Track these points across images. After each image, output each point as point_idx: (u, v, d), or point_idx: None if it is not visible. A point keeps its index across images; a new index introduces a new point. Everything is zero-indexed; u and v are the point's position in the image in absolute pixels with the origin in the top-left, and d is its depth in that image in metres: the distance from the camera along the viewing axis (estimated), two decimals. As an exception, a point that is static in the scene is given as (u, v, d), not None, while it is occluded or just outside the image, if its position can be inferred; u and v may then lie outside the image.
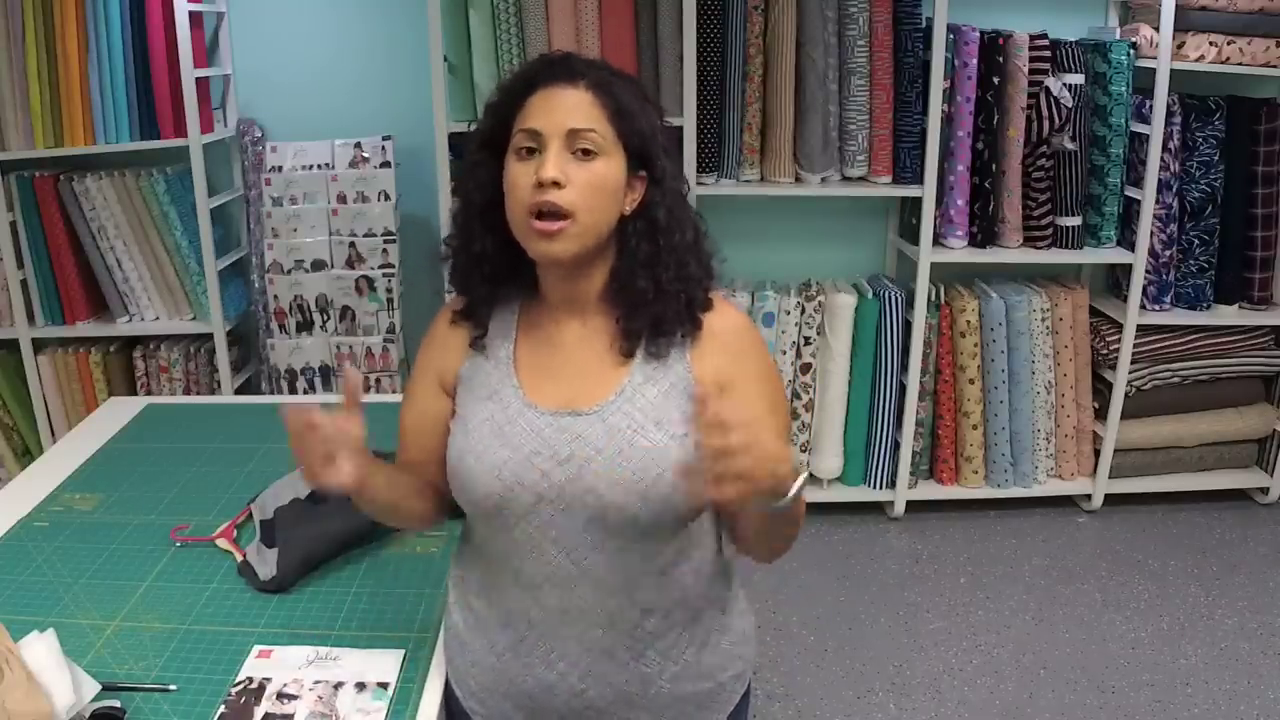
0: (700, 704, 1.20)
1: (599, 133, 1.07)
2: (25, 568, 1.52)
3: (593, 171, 1.06)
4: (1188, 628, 2.71)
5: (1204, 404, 3.26)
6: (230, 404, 2.74)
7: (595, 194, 1.07)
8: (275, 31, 3.11)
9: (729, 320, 1.16)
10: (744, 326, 1.18)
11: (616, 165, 1.08)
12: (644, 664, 1.15)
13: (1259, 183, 3.02)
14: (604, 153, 1.07)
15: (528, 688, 1.16)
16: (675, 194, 1.13)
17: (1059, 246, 3.08)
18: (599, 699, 1.15)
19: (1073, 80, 2.92)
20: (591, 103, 1.07)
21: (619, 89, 1.09)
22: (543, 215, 1.06)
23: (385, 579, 1.50)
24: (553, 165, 1.04)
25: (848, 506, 3.27)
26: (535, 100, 1.08)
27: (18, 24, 2.78)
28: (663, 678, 1.16)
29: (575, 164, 1.06)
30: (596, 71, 1.10)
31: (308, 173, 2.98)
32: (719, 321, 1.15)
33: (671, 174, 1.13)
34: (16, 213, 2.96)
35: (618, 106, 1.08)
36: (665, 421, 1.09)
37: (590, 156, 1.06)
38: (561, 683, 1.15)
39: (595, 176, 1.06)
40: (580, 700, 1.15)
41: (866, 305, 3.08)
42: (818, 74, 2.88)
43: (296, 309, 3.01)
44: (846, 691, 2.47)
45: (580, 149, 1.06)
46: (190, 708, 1.21)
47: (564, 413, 1.11)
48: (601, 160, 1.07)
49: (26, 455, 3.18)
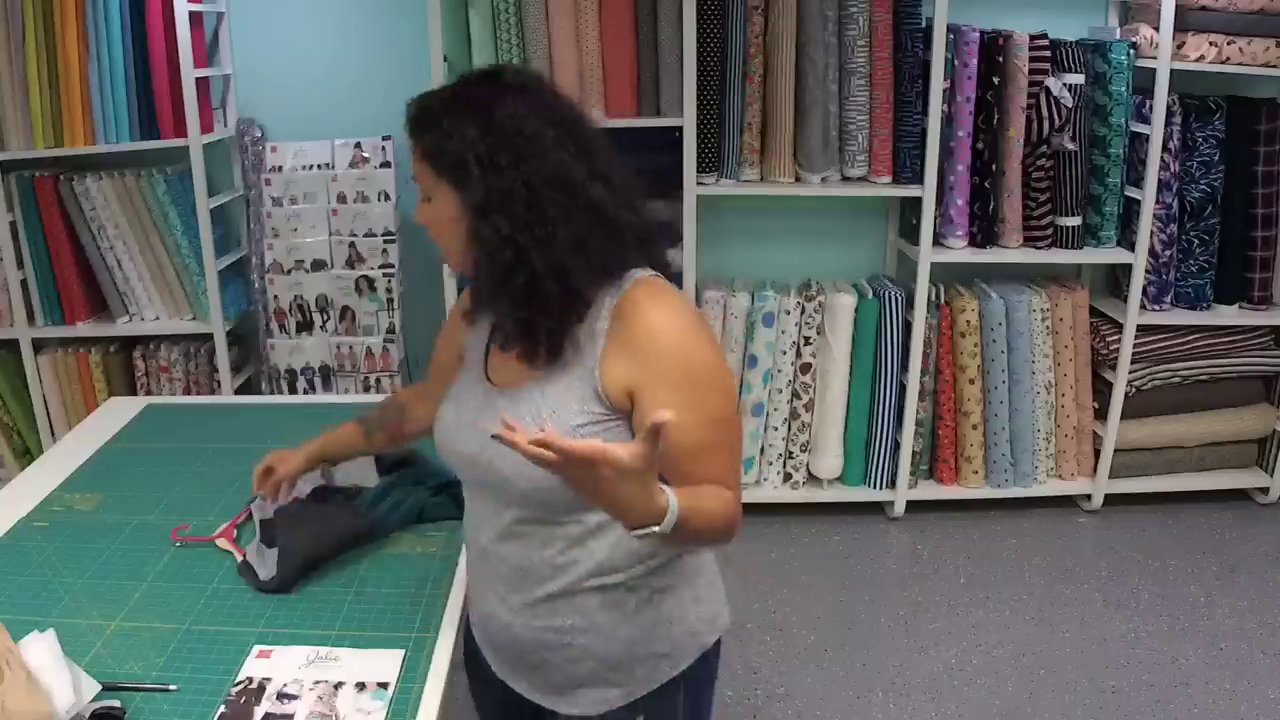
0: (612, 667, 1.26)
1: (424, 178, 1.18)
2: (25, 568, 1.52)
3: (429, 212, 1.19)
4: (1187, 627, 2.71)
5: (1204, 404, 3.26)
6: (230, 404, 2.74)
7: (437, 229, 1.19)
8: (275, 31, 3.11)
9: (647, 321, 1.14)
10: (659, 330, 1.14)
11: (444, 199, 1.17)
12: (556, 618, 1.24)
13: (1259, 183, 3.02)
14: (433, 192, 1.18)
15: (481, 617, 1.33)
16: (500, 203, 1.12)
17: (1059, 246, 3.08)
18: (523, 637, 1.27)
19: (1073, 80, 2.92)
20: (417, 151, 1.18)
21: (427, 128, 1.16)
22: None
23: (385, 579, 1.50)
24: (417, 214, 1.22)
25: (848, 506, 3.27)
26: None
27: (18, 24, 2.78)
28: (575, 633, 1.24)
29: (425, 206, 1.20)
30: (419, 116, 1.17)
31: (308, 173, 2.98)
32: (636, 320, 1.14)
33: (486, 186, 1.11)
34: (16, 213, 2.96)
35: (425, 149, 1.16)
36: (562, 413, 1.15)
37: (428, 200, 1.19)
38: (496, 618, 1.29)
39: (434, 215, 1.19)
40: (508, 634, 1.28)
41: (866, 305, 3.08)
42: (818, 74, 2.88)
43: (296, 309, 3.01)
44: (846, 691, 2.47)
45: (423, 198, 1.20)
46: (190, 708, 1.21)
47: (502, 390, 1.23)
48: (435, 199, 1.18)
49: (26, 455, 3.18)
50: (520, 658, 1.29)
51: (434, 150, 1.15)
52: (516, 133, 1.12)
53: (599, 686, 1.26)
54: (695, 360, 1.14)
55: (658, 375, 1.12)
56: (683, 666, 1.29)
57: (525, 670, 1.30)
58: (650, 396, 1.12)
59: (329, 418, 1.61)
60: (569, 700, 1.28)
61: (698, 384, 1.13)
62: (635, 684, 1.27)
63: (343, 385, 3.06)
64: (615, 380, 1.14)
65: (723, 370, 1.18)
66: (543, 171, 1.12)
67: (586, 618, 1.23)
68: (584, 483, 0.96)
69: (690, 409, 1.10)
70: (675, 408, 1.01)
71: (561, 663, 1.26)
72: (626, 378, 1.13)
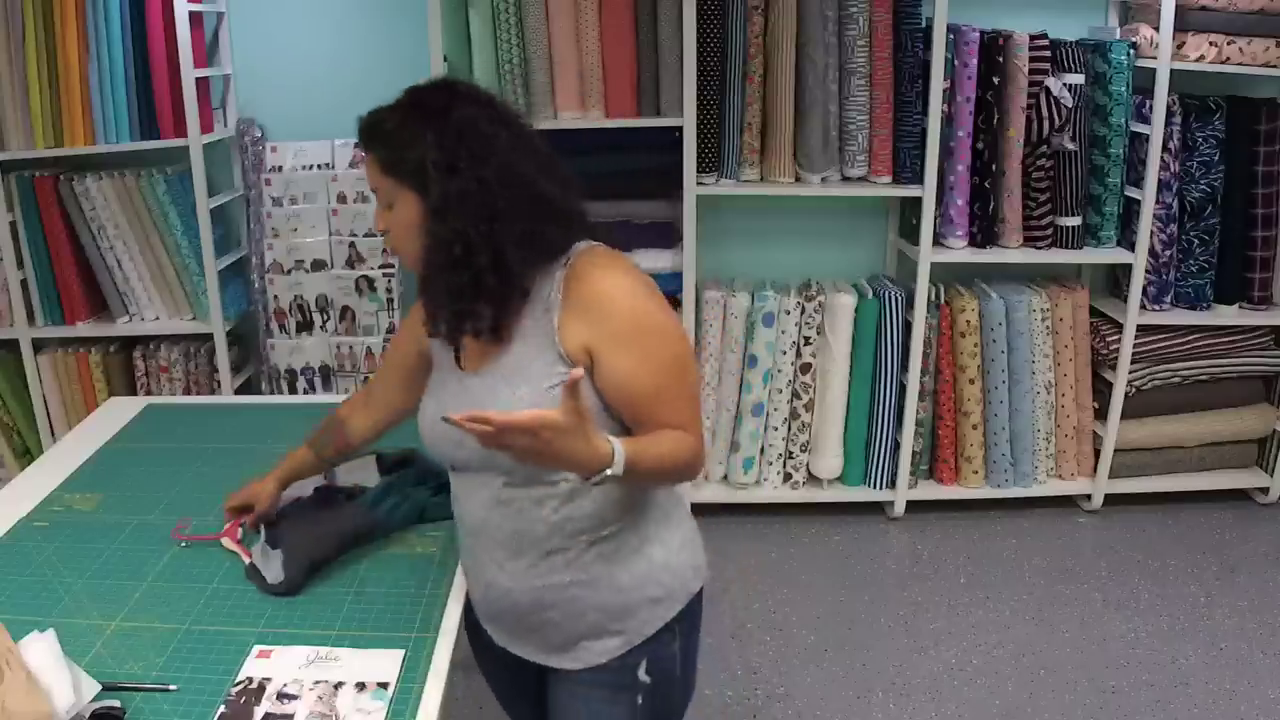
0: (612, 616, 1.34)
1: (384, 188, 1.26)
2: (25, 568, 1.52)
3: (392, 219, 1.27)
4: (1187, 628, 2.71)
5: (1204, 404, 3.26)
6: (230, 404, 2.74)
7: (399, 232, 1.27)
8: (275, 31, 3.11)
9: (594, 284, 1.24)
10: (605, 289, 1.24)
11: (403, 205, 1.25)
12: (554, 575, 1.31)
13: (1259, 183, 3.02)
14: (395, 201, 1.26)
15: (481, 588, 1.39)
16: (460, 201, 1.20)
17: (1059, 246, 3.08)
18: (523, 601, 1.34)
19: (1073, 80, 2.92)
20: (374, 163, 1.26)
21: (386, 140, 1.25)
22: None
23: (385, 579, 1.50)
24: (376, 220, 1.30)
25: (848, 506, 3.27)
26: None
27: (18, 24, 2.78)
28: (575, 587, 1.32)
29: (386, 213, 1.28)
30: (375, 129, 1.27)
31: (308, 173, 2.98)
32: (585, 286, 1.24)
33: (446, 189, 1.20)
34: (16, 213, 2.96)
35: (388, 158, 1.25)
36: (532, 379, 1.24)
37: (389, 207, 1.27)
38: (496, 586, 1.35)
39: (396, 220, 1.27)
40: (508, 600, 1.35)
41: (866, 305, 3.08)
42: (818, 74, 2.88)
43: (296, 309, 3.01)
44: (846, 691, 2.47)
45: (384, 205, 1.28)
46: (190, 708, 1.21)
47: (474, 373, 1.31)
48: (397, 207, 1.26)
49: (26, 455, 3.18)
50: (521, 621, 1.36)
51: (393, 159, 1.24)
52: (472, 135, 1.22)
53: (600, 638, 1.34)
54: (642, 313, 1.24)
55: (610, 333, 1.23)
56: (675, 611, 1.37)
57: (526, 633, 1.38)
58: (606, 352, 1.23)
59: (329, 418, 1.64)
60: (572, 656, 1.36)
61: (648, 335, 1.24)
62: (633, 631, 1.35)
63: (343, 385, 3.06)
64: (574, 341, 1.23)
65: (671, 322, 1.28)
66: (497, 170, 1.21)
67: (584, 571, 1.31)
68: (530, 450, 1.08)
69: (643, 360, 1.23)
70: (629, 360, 1.22)
71: (562, 619, 1.33)
72: (583, 337, 1.23)
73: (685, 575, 1.39)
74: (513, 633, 1.40)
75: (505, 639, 1.42)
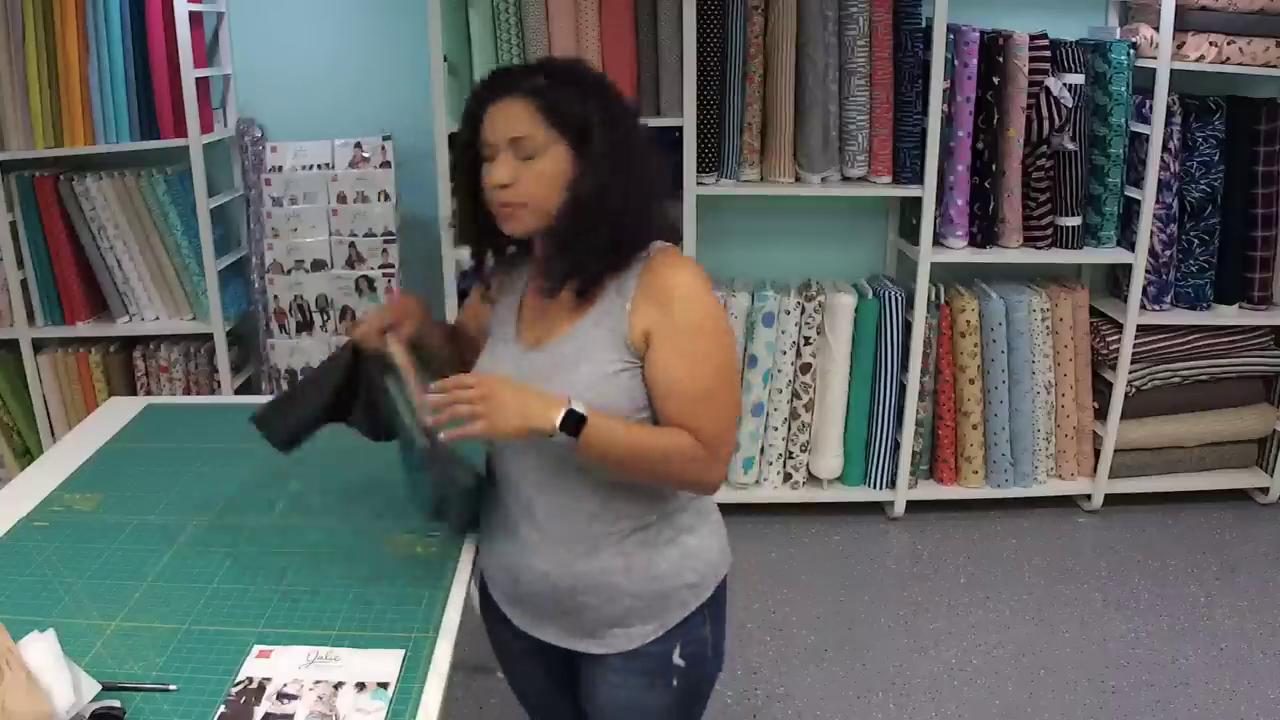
0: (650, 602, 1.37)
1: (534, 136, 1.26)
2: (25, 568, 1.52)
3: (536, 168, 1.27)
4: (1187, 627, 2.71)
5: (1204, 404, 3.26)
6: (230, 404, 2.73)
7: (538, 184, 1.27)
8: (275, 31, 3.11)
9: (669, 277, 1.30)
10: (679, 283, 1.30)
11: (555, 156, 1.27)
12: (596, 560, 1.35)
13: (1259, 183, 3.02)
14: (541, 151, 1.27)
15: (508, 575, 1.43)
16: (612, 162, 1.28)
17: (1059, 246, 3.08)
18: (561, 584, 1.37)
19: (1073, 80, 2.92)
20: (528, 110, 1.26)
21: (552, 88, 1.27)
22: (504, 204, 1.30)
23: (385, 579, 1.49)
24: (499, 171, 1.28)
25: (848, 506, 3.27)
26: (488, 115, 1.29)
27: (18, 24, 2.78)
28: (614, 573, 1.35)
29: (520, 165, 1.27)
30: (532, 78, 1.29)
31: (308, 173, 2.98)
32: (660, 277, 1.30)
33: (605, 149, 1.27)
34: (16, 213, 2.96)
35: (548, 106, 1.26)
36: (595, 359, 1.29)
37: (530, 158, 1.27)
38: (531, 569, 1.38)
39: (538, 171, 1.27)
40: (545, 583, 1.38)
41: (866, 305, 3.08)
42: (818, 74, 2.88)
43: (296, 309, 3.01)
44: (846, 691, 2.47)
45: (524, 155, 1.27)
46: (190, 708, 1.21)
47: (532, 349, 1.36)
48: (542, 157, 1.27)
49: (26, 455, 3.18)
50: (557, 604, 1.39)
51: (555, 110, 1.26)
52: (624, 107, 1.32)
53: (634, 623, 1.38)
54: (705, 316, 1.30)
55: (672, 324, 1.27)
56: (706, 595, 1.42)
57: (558, 616, 1.41)
58: (662, 341, 1.28)
59: (329, 418, 1.63)
60: (602, 641, 1.39)
61: (706, 337, 1.29)
62: (668, 616, 1.39)
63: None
64: (639, 327, 1.28)
65: (728, 335, 1.33)
66: (639, 140, 1.32)
67: (625, 557, 1.35)
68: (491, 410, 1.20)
69: (694, 359, 1.27)
70: (681, 354, 1.27)
71: (599, 604, 1.37)
72: (646, 322, 1.28)
73: (715, 560, 1.44)
74: (541, 617, 1.43)
75: (530, 623, 1.45)
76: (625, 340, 1.29)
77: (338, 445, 1.61)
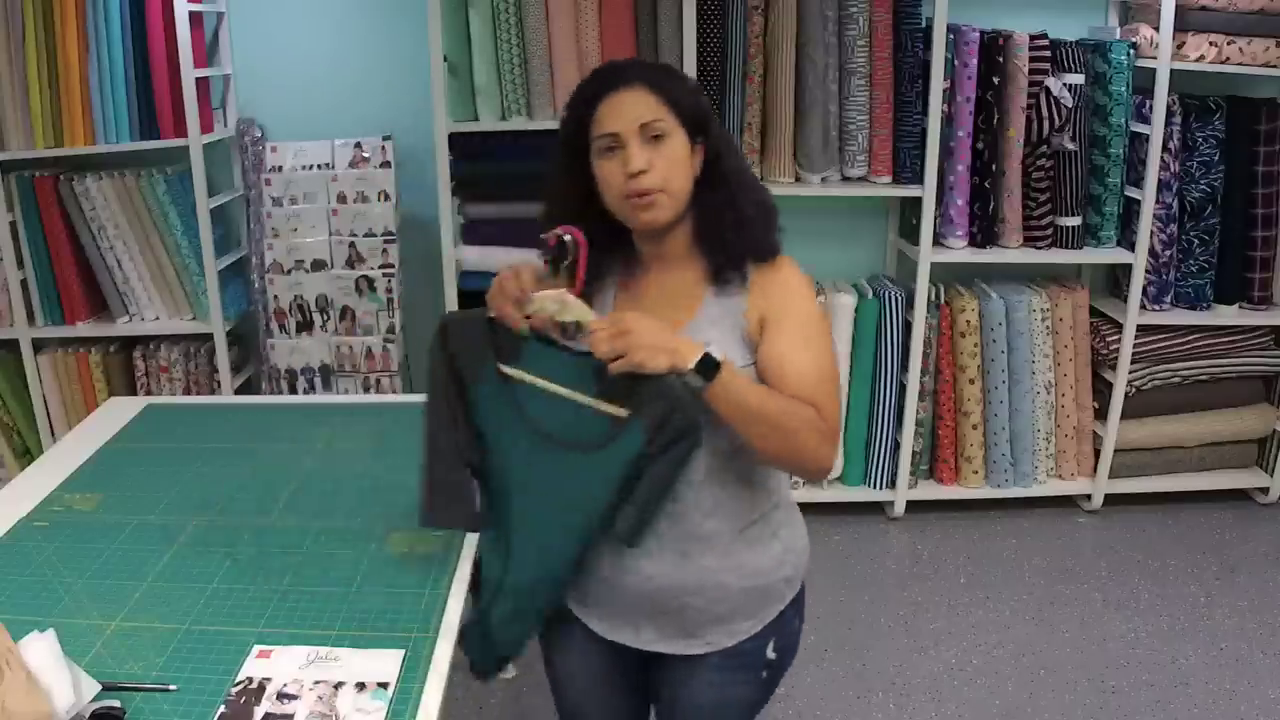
0: (750, 597, 1.41)
1: (662, 119, 1.29)
2: (25, 568, 1.52)
3: (667, 151, 1.30)
4: (1188, 628, 2.71)
5: (1204, 404, 3.26)
6: (230, 404, 2.74)
7: (673, 167, 1.30)
8: (275, 31, 3.11)
9: (781, 274, 1.36)
10: (792, 277, 1.37)
11: (680, 140, 1.31)
12: (706, 558, 1.37)
13: (1259, 183, 3.02)
14: (670, 134, 1.30)
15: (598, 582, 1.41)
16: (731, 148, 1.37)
17: (1059, 246, 3.08)
18: (666, 586, 1.37)
19: (1073, 80, 2.92)
20: (650, 97, 1.30)
21: (665, 78, 1.33)
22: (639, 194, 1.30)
23: (385, 579, 1.49)
24: (637, 158, 1.28)
25: (848, 506, 3.27)
26: (604, 108, 1.31)
27: (18, 24, 2.78)
28: (724, 572, 1.37)
29: (652, 150, 1.29)
30: (643, 70, 1.34)
31: (308, 173, 2.98)
32: (774, 273, 1.36)
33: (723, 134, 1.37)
34: (16, 213, 2.96)
35: (670, 93, 1.31)
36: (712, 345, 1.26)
37: (660, 140, 1.30)
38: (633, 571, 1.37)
39: (670, 154, 1.30)
40: (648, 586, 1.37)
41: (866, 305, 3.08)
42: (818, 74, 2.88)
43: (296, 309, 3.01)
44: (846, 691, 2.47)
45: (652, 136, 1.29)
46: (190, 708, 1.21)
47: None
48: (669, 140, 1.30)
49: (26, 455, 3.18)
50: (656, 606, 1.39)
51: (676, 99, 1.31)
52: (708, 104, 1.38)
53: (736, 621, 1.41)
54: (816, 314, 1.37)
55: (787, 313, 1.33)
56: (796, 589, 1.47)
57: (655, 617, 1.40)
58: (779, 325, 1.32)
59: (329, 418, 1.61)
60: (699, 641, 1.41)
61: (820, 329, 1.36)
62: (766, 611, 1.42)
63: (343, 385, 3.06)
64: (754, 317, 1.33)
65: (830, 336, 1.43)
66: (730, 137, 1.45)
67: (735, 555, 1.38)
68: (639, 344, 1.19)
69: (807, 346, 1.32)
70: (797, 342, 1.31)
71: (706, 604, 1.38)
72: (762, 309, 1.33)
73: (804, 555, 1.49)
74: (633, 620, 1.42)
75: (613, 627, 1.44)
76: (744, 333, 1.33)
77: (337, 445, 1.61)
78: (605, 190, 1.33)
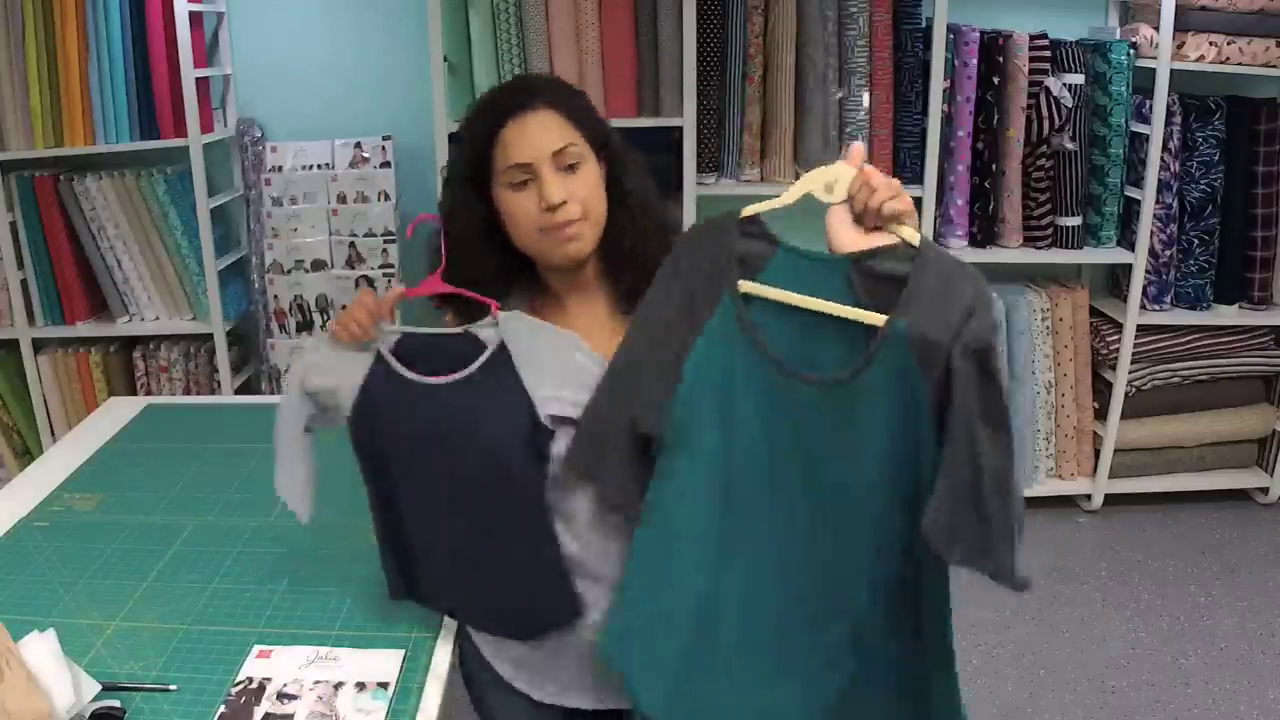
0: None
1: (575, 144, 1.20)
2: (25, 568, 1.52)
3: (583, 177, 1.20)
4: (1188, 628, 2.71)
5: (1204, 404, 3.26)
6: (230, 404, 2.74)
7: (591, 195, 1.21)
8: (275, 31, 3.11)
9: None
10: None
11: (593, 163, 1.23)
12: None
13: (1259, 183, 3.02)
14: (583, 158, 1.21)
15: None
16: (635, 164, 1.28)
17: (1059, 246, 3.08)
18: None
19: (1073, 80, 2.92)
20: (557, 119, 1.19)
21: (568, 96, 1.22)
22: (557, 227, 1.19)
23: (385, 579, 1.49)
24: (555, 189, 1.17)
25: (848, 506, 3.26)
26: (509, 134, 1.19)
27: (18, 24, 2.78)
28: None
29: (568, 177, 1.19)
30: (544, 88, 1.22)
31: (308, 173, 2.98)
32: None
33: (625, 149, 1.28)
34: (16, 213, 2.96)
35: (576, 111, 1.21)
36: None
37: (575, 167, 1.20)
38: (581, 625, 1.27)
39: (586, 180, 1.21)
40: None
41: (866, 305, 3.08)
42: (818, 74, 2.88)
43: (296, 309, 3.01)
44: (846, 691, 2.47)
45: (567, 165, 1.19)
46: (190, 708, 1.21)
47: None
48: (584, 166, 1.21)
49: (26, 455, 3.18)
50: None
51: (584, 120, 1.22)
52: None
53: None
54: None
55: None
56: None
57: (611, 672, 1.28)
58: None
59: (329, 418, 1.62)
60: None
61: None
62: None
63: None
64: None
65: None
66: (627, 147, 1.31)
67: None
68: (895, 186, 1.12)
69: None
70: None
71: None
72: None
73: None
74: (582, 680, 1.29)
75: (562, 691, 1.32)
76: None
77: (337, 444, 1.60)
78: (514, 225, 1.21)
